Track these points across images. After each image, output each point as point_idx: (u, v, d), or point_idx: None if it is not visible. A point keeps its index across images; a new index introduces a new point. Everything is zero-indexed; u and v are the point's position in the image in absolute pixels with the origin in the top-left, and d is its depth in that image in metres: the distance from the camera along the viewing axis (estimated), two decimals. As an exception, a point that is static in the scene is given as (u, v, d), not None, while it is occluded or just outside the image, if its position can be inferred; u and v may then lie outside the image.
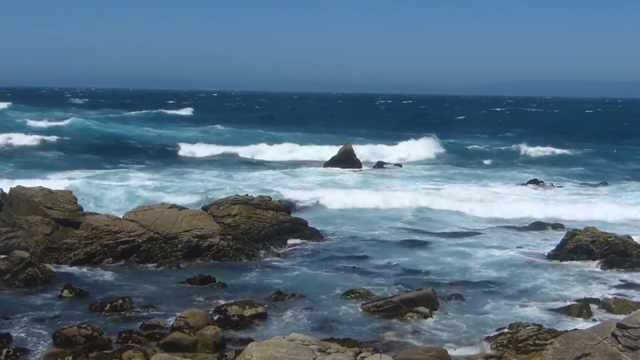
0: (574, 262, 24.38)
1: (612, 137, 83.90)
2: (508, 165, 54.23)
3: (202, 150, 58.73)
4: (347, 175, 45.46)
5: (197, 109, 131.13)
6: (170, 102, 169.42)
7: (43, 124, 77.06)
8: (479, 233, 29.25)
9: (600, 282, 22.55)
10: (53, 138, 61.85)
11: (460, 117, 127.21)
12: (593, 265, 24.11)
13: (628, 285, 22.31)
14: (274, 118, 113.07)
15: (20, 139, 60.30)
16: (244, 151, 58.45)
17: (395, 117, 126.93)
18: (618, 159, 59.09)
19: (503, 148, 64.06)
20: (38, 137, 61.19)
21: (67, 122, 78.51)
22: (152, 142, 65.06)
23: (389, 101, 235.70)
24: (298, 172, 46.03)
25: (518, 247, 26.78)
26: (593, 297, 20.48)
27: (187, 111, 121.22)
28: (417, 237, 28.39)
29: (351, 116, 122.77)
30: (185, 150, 58.55)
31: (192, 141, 62.66)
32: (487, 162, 56.63)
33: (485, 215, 32.89)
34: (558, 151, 62.32)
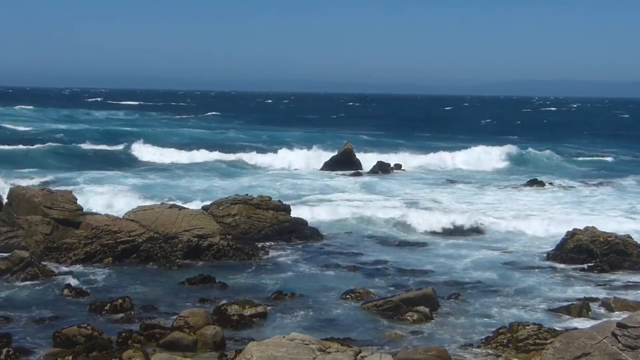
0: (574, 262, 24.35)
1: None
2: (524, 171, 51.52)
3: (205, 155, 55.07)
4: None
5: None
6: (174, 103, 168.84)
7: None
8: (478, 232, 29.23)
9: (600, 282, 22.57)
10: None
11: (487, 120, 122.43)
12: (593, 265, 24.09)
13: (628, 284, 22.32)
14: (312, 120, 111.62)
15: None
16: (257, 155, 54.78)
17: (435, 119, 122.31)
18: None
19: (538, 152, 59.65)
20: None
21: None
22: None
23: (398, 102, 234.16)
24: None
25: (518, 247, 26.77)
26: (593, 296, 20.49)
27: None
28: (417, 238, 28.39)
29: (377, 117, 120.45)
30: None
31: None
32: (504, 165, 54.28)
33: (482, 217, 32.89)
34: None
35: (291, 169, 49.32)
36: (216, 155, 54.19)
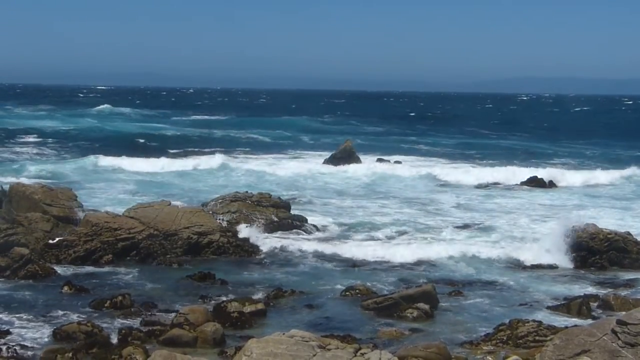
0: (574, 259, 24.33)
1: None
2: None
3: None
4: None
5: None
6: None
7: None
8: (477, 230, 29.20)
9: (599, 279, 22.58)
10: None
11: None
12: (592, 262, 24.07)
13: (628, 282, 22.33)
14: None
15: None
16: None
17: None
18: None
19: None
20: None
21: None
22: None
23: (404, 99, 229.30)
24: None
25: (518, 244, 26.74)
26: (593, 293, 20.50)
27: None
28: (417, 234, 28.32)
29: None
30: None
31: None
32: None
33: (479, 211, 32.97)
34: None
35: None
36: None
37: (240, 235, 25.89)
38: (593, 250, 24.35)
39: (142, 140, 64.08)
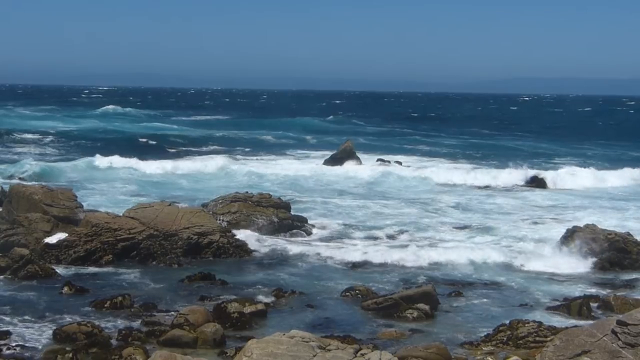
0: (574, 258, 24.32)
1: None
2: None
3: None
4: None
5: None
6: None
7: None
8: (477, 230, 29.20)
9: (600, 280, 22.56)
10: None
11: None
12: (593, 263, 24.06)
13: (628, 282, 22.32)
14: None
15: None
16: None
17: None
18: None
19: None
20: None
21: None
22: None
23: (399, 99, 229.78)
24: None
25: (518, 244, 26.75)
26: (593, 294, 20.48)
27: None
28: (417, 234, 28.34)
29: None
30: None
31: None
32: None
33: (479, 212, 32.95)
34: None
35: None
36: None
37: (240, 236, 25.93)
38: (593, 251, 24.33)
39: (142, 141, 64.29)
